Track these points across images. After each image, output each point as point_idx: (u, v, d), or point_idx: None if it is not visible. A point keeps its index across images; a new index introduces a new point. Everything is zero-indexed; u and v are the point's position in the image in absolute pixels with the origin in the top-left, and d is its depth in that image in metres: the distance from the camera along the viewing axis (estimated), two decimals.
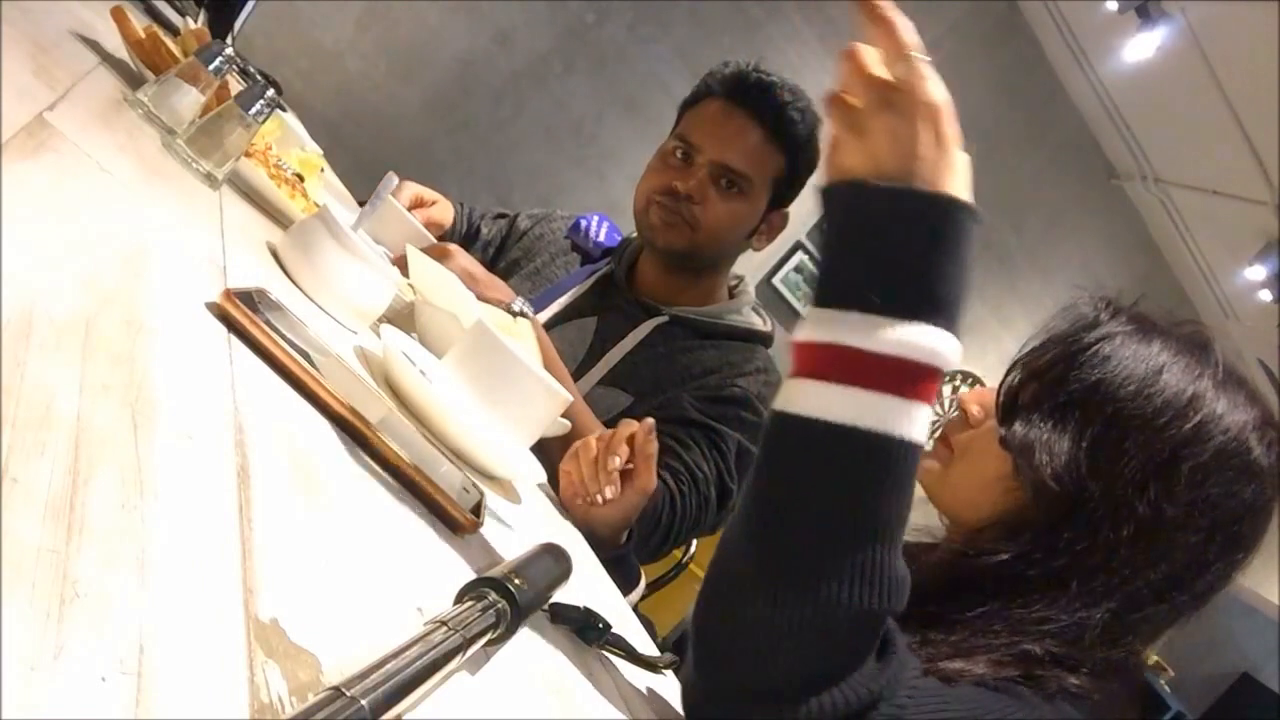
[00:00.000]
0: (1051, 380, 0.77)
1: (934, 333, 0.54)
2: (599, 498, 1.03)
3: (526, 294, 1.61)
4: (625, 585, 1.18)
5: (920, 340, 0.53)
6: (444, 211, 1.69)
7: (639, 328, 1.49)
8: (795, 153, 1.46)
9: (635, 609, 1.15)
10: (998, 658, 0.67)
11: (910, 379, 0.53)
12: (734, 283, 1.60)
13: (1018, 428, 0.77)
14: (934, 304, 0.54)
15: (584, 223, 1.71)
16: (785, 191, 1.49)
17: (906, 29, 0.55)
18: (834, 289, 0.55)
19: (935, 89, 0.56)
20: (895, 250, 0.54)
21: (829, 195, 0.58)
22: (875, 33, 0.56)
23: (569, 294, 1.58)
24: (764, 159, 1.44)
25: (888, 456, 0.53)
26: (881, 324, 0.53)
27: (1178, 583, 0.72)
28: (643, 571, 1.24)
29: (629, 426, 1.04)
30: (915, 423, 0.54)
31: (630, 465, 1.02)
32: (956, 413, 0.89)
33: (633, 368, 1.46)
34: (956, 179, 0.56)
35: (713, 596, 0.58)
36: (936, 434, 0.91)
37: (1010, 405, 0.79)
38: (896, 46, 0.56)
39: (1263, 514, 0.74)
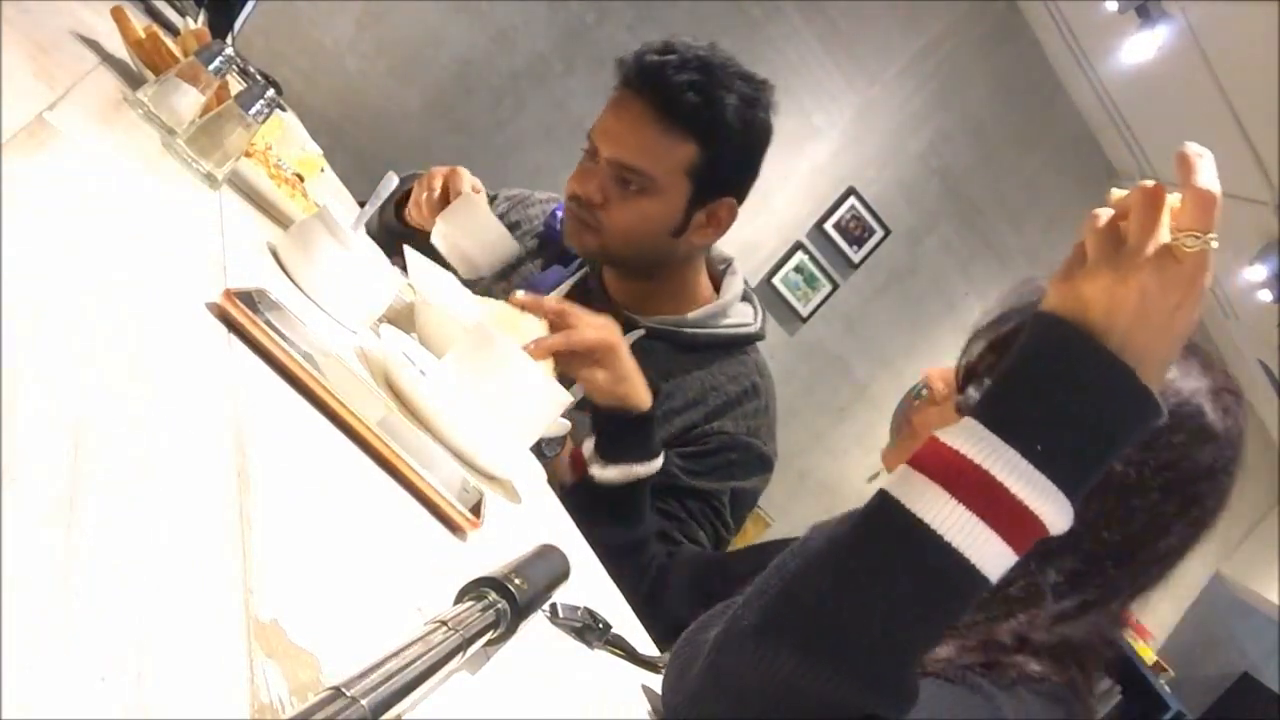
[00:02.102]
0: (1007, 350, 0.77)
1: (1066, 507, 0.54)
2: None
3: (500, 294, 1.52)
4: (641, 455, 1.15)
5: (1055, 508, 0.54)
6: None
7: None
8: (706, 137, 1.28)
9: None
10: (964, 643, 0.67)
11: (1027, 535, 0.54)
12: (722, 266, 1.47)
13: (970, 392, 0.76)
14: (1083, 482, 0.54)
15: (560, 215, 1.57)
16: (713, 180, 1.31)
17: (1217, 209, 0.54)
18: (1008, 417, 0.55)
19: (1207, 281, 0.55)
20: (1087, 420, 0.54)
21: (1054, 324, 0.56)
22: (1190, 198, 0.55)
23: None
24: (665, 150, 1.28)
25: (974, 592, 0.54)
26: (1033, 476, 0.53)
27: (1138, 544, 0.71)
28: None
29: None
30: (1003, 570, 0.54)
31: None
32: (924, 390, 0.88)
33: None
34: (1164, 376, 0.56)
35: (744, 631, 0.56)
36: (902, 416, 0.91)
37: (969, 378, 0.79)
38: (1203, 222, 0.54)
39: (1223, 474, 0.73)
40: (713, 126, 1.28)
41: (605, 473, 1.14)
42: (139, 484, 0.38)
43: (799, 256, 4.25)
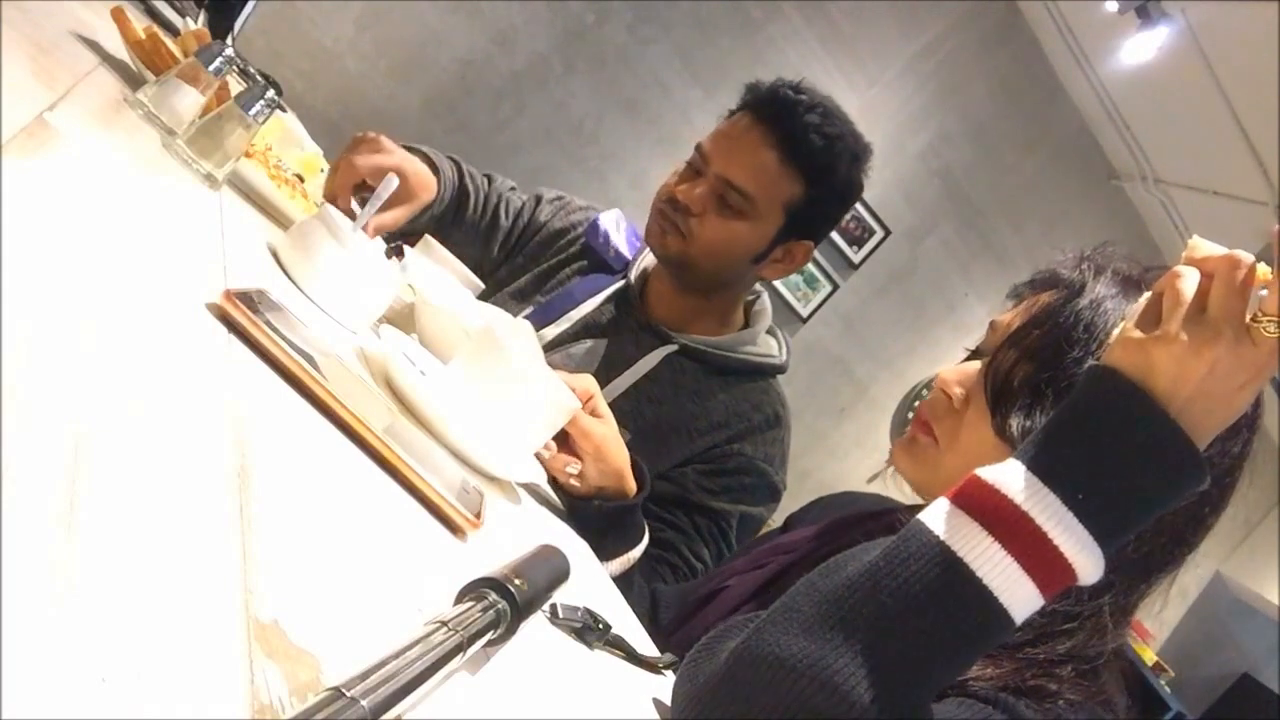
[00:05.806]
0: (1044, 361, 0.75)
1: (1100, 558, 0.54)
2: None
3: (536, 300, 1.54)
4: (624, 545, 1.13)
5: (1089, 559, 0.53)
6: (408, 191, 1.33)
7: (647, 356, 1.42)
8: (815, 180, 1.36)
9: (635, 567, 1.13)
10: (1009, 665, 0.66)
11: (1058, 582, 0.53)
12: (752, 298, 1.53)
13: (1017, 419, 0.75)
14: (1119, 536, 0.54)
15: (603, 228, 1.60)
16: (804, 221, 1.39)
17: None
18: (1055, 464, 0.55)
19: (1276, 367, 0.56)
20: (1134, 477, 0.54)
21: (1116, 380, 0.56)
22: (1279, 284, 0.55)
23: (582, 308, 1.51)
24: (775, 181, 1.35)
25: (999, 633, 0.54)
26: (1073, 525, 0.53)
27: (1179, 544, 0.71)
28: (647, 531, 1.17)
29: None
30: (1029, 614, 0.54)
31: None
32: (929, 392, 0.86)
33: (636, 404, 1.38)
34: (1208, 443, 0.56)
35: (767, 644, 0.55)
36: (910, 413, 0.90)
37: (1003, 391, 0.77)
38: None
39: (1246, 459, 0.72)
40: (825, 172, 1.35)
41: (608, 570, 1.09)
42: (139, 484, 0.38)
43: None
